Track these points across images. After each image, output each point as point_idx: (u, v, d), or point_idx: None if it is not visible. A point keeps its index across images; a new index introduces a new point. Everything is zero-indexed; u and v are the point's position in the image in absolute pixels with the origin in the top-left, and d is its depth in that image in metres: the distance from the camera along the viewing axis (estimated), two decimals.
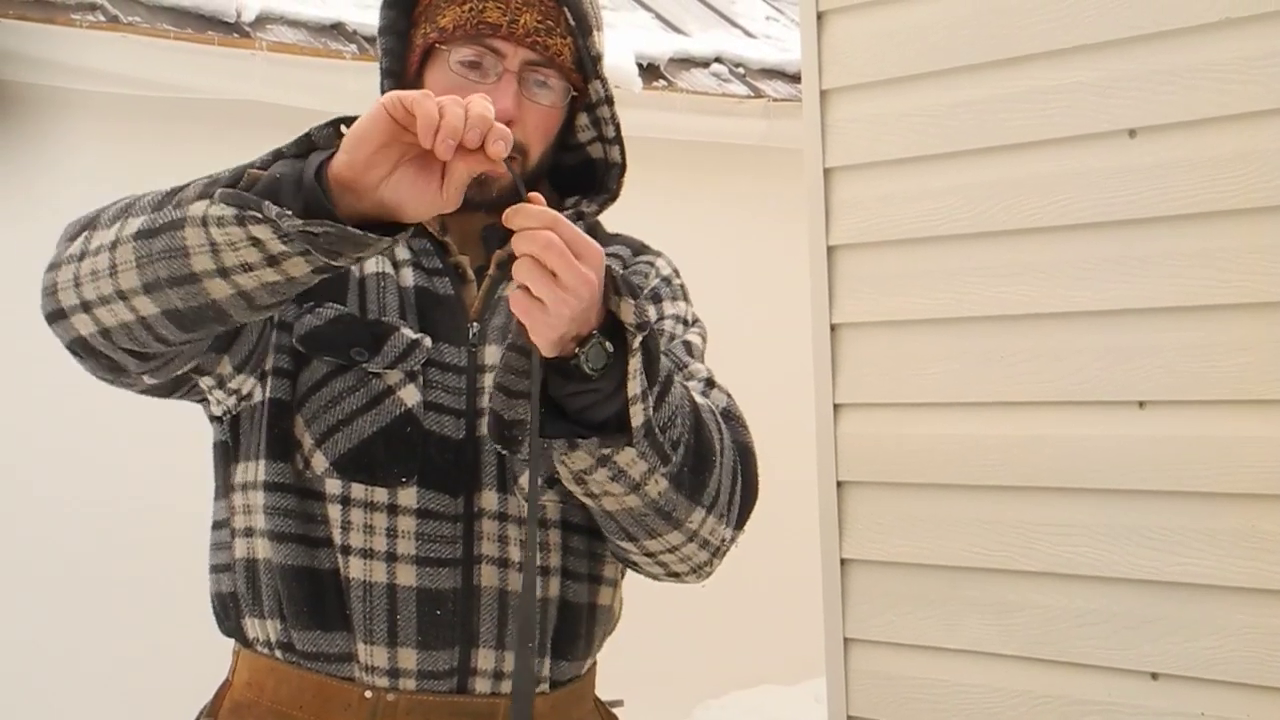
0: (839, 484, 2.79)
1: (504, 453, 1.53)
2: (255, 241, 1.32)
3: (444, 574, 1.55)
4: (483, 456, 1.57)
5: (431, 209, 1.35)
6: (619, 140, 1.70)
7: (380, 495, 1.54)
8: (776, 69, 5.32)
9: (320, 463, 1.55)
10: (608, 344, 1.36)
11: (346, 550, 1.54)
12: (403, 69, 1.65)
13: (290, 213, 1.29)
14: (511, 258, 1.62)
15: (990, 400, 2.59)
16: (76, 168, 3.88)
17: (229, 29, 4.01)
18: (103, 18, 3.77)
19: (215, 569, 1.66)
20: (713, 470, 1.50)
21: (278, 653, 1.58)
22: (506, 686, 1.56)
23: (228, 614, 1.64)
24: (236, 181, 1.35)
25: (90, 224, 1.50)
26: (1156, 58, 2.37)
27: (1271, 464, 2.27)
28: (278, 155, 1.35)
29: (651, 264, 1.73)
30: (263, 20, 4.12)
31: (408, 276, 1.62)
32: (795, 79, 5.11)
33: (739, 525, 1.57)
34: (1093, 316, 2.46)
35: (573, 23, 1.60)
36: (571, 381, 1.38)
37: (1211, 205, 2.32)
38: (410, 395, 1.55)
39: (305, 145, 1.35)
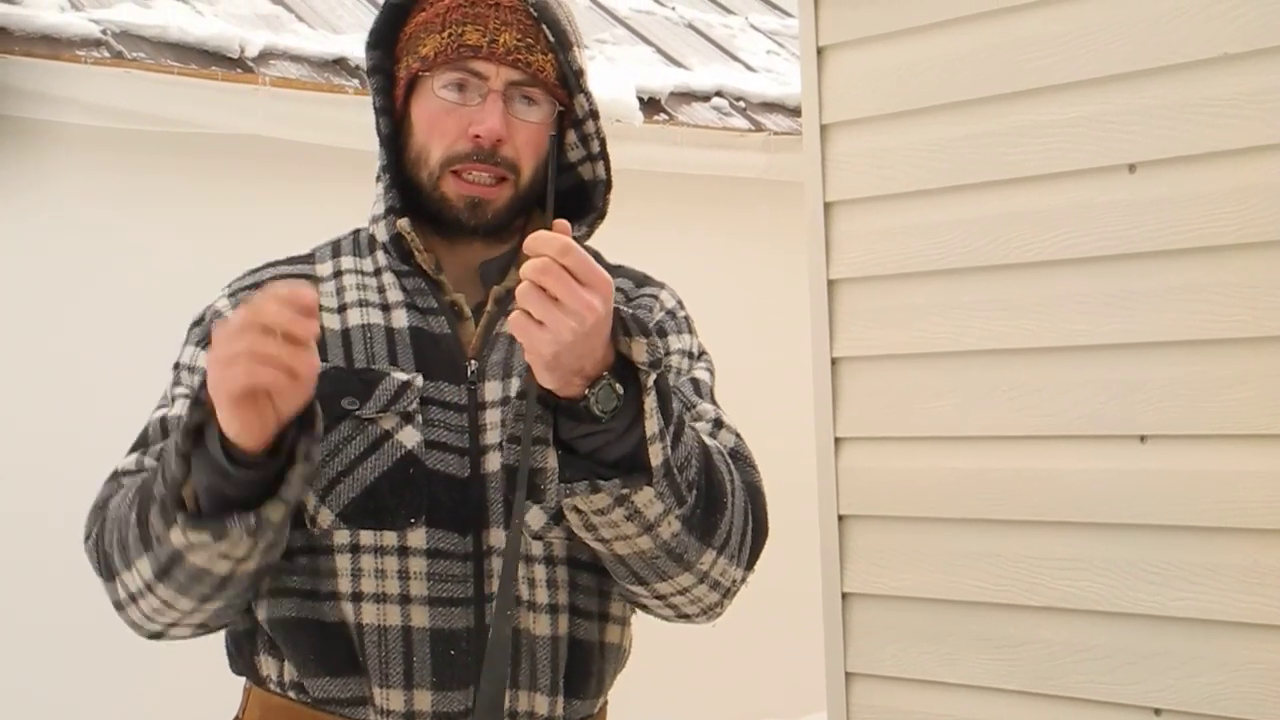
0: (840, 518, 2.78)
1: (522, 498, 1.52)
2: (243, 535, 1.40)
3: (456, 613, 1.53)
4: (489, 494, 1.55)
5: (303, 393, 1.37)
6: (604, 155, 1.69)
7: (390, 539, 1.52)
8: (777, 103, 5.33)
9: (326, 516, 1.53)
10: (618, 385, 1.37)
11: (359, 597, 1.53)
12: (393, 105, 1.65)
13: (253, 519, 1.37)
14: (509, 292, 1.63)
15: (991, 434, 2.59)
16: (83, 202, 3.90)
17: (233, 64, 4.03)
18: (108, 54, 3.79)
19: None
20: (724, 512, 1.51)
21: (290, 693, 1.57)
22: None
23: (240, 651, 1.63)
24: (176, 494, 1.40)
25: (99, 547, 1.55)
26: (1156, 93, 2.38)
27: (1272, 498, 2.27)
28: (183, 456, 1.38)
29: (655, 297, 1.71)
30: (266, 56, 4.14)
31: (401, 318, 1.60)
32: (796, 112, 5.12)
33: (749, 566, 1.57)
34: (1093, 350, 2.47)
35: (552, 39, 1.60)
36: (582, 424, 1.38)
37: (1211, 240, 2.33)
38: (409, 437, 1.53)
39: (192, 436, 1.38)
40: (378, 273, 1.64)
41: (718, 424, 1.61)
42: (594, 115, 1.66)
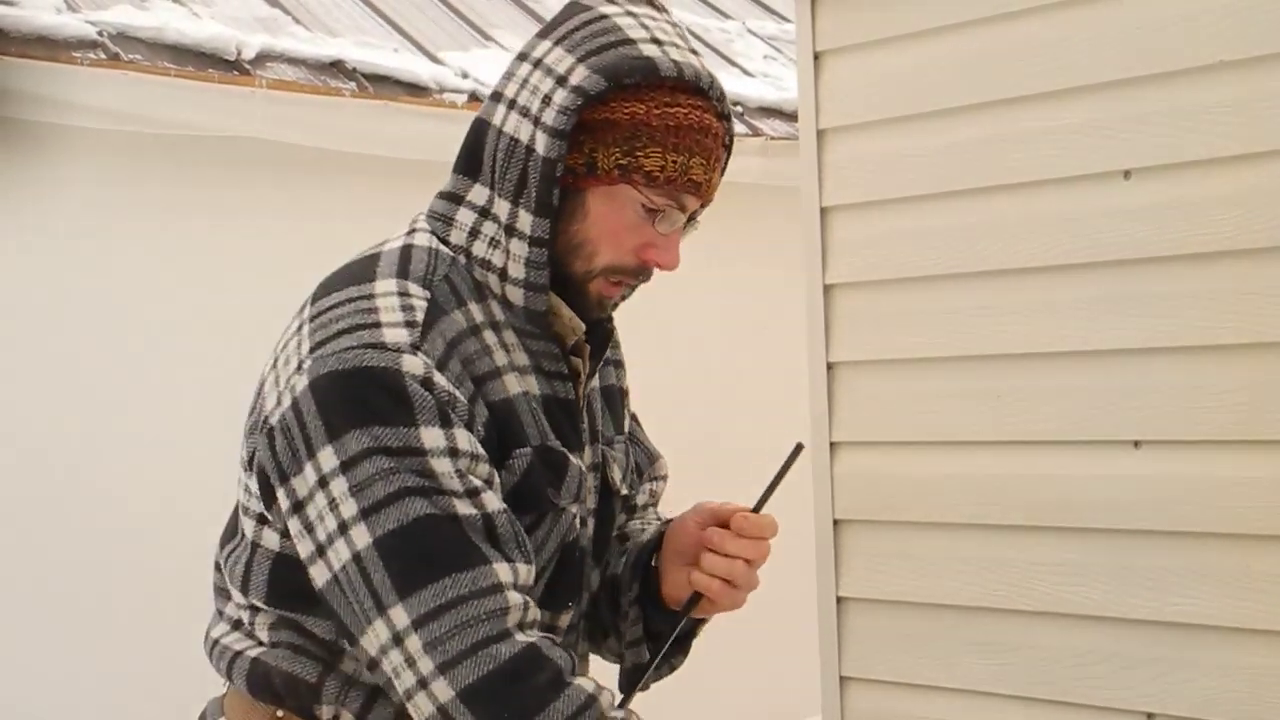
0: (835, 522, 2.79)
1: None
2: None
3: None
4: (587, 562, 1.60)
5: None
6: None
7: (545, 618, 1.51)
8: (774, 107, 5.33)
9: None
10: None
11: None
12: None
13: None
14: (591, 349, 1.60)
15: (986, 439, 2.60)
16: (79, 204, 3.89)
17: (229, 66, 4.02)
18: (104, 56, 3.79)
19: (295, 649, 1.52)
20: None
21: None
22: None
23: (297, 694, 1.52)
24: None
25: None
26: (1151, 100, 2.39)
27: (1265, 504, 2.27)
28: None
29: (618, 345, 1.75)
30: (263, 58, 4.14)
31: (534, 384, 1.52)
32: (793, 117, 5.11)
33: None
34: (1088, 356, 2.47)
35: (723, 165, 1.60)
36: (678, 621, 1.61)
37: (1206, 246, 2.33)
38: (579, 520, 1.55)
39: None
40: (496, 326, 1.52)
41: (665, 480, 1.80)
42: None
